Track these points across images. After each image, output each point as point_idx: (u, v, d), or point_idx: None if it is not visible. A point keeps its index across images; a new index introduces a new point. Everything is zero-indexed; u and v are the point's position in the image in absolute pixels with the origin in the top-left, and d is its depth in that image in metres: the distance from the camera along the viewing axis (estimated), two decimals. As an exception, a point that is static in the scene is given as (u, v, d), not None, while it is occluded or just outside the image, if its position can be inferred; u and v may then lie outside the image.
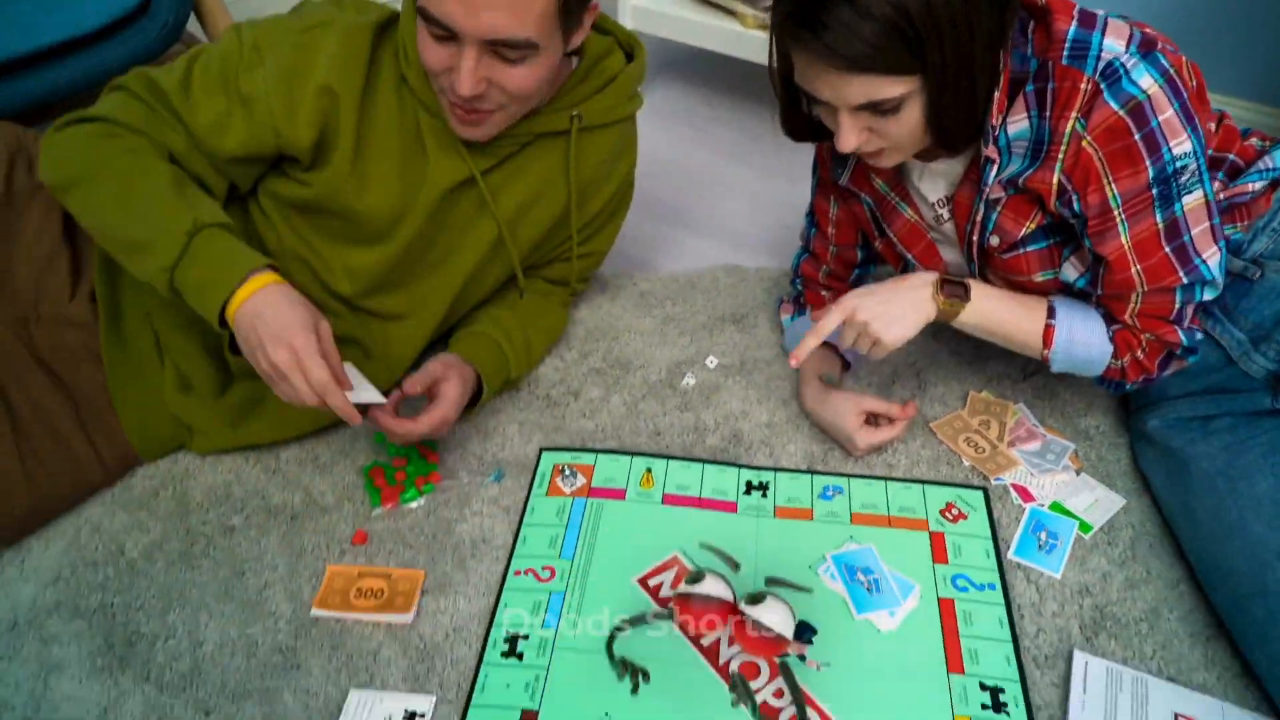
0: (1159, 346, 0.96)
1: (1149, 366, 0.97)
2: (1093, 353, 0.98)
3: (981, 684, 0.87)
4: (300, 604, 0.96)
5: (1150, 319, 0.95)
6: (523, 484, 1.08)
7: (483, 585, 0.97)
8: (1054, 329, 0.97)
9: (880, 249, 1.14)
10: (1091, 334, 0.97)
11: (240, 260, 0.90)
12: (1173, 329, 0.95)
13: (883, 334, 0.96)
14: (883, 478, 1.08)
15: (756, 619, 0.85)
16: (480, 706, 0.87)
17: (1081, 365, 1.00)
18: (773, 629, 0.85)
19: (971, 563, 0.98)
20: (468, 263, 1.12)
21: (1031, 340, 0.99)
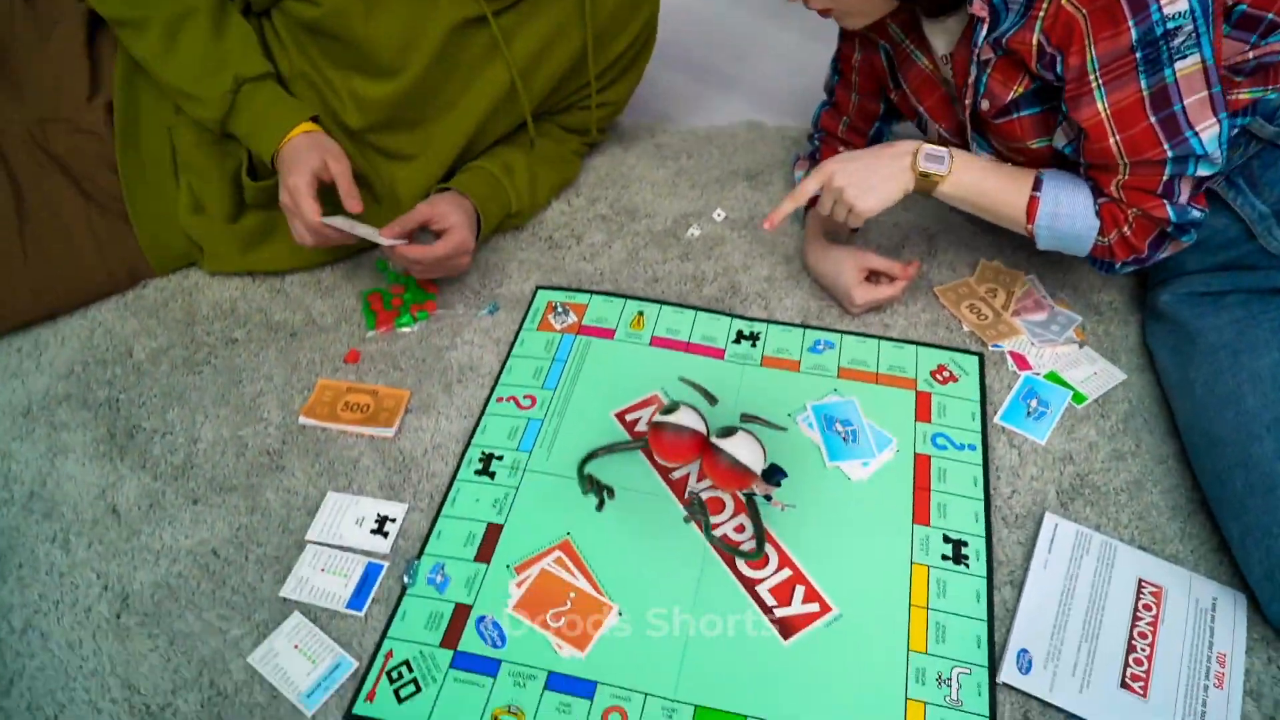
0: (1148, 224, 0.88)
1: (1138, 245, 0.89)
2: (1077, 226, 0.90)
3: (945, 536, 0.85)
4: (290, 413, 0.97)
5: (1136, 192, 0.86)
6: (515, 319, 1.07)
7: (465, 408, 0.98)
8: (1038, 201, 0.90)
9: (896, 101, 1.07)
10: (1077, 207, 0.90)
11: (284, 115, 1.00)
12: (1160, 204, 0.86)
13: (857, 201, 0.93)
14: (876, 336, 1.04)
15: (727, 450, 0.84)
16: (449, 517, 0.88)
17: (1068, 241, 0.93)
18: (742, 462, 0.84)
19: (955, 423, 0.95)
20: (479, 108, 1.09)
21: (1015, 213, 0.92)
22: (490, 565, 0.84)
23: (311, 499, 0.90)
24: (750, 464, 0.84)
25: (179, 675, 0.78)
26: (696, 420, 0.87)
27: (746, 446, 0.85)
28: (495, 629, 0.80)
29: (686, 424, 0.86)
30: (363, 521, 0.87)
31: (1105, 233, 0.90)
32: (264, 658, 0.78)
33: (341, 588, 0.83)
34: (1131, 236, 0.89)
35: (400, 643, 0.79)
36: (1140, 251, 0.89)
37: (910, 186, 0.92)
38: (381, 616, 0.81)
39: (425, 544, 0.86)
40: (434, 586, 0.83)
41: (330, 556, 0.85)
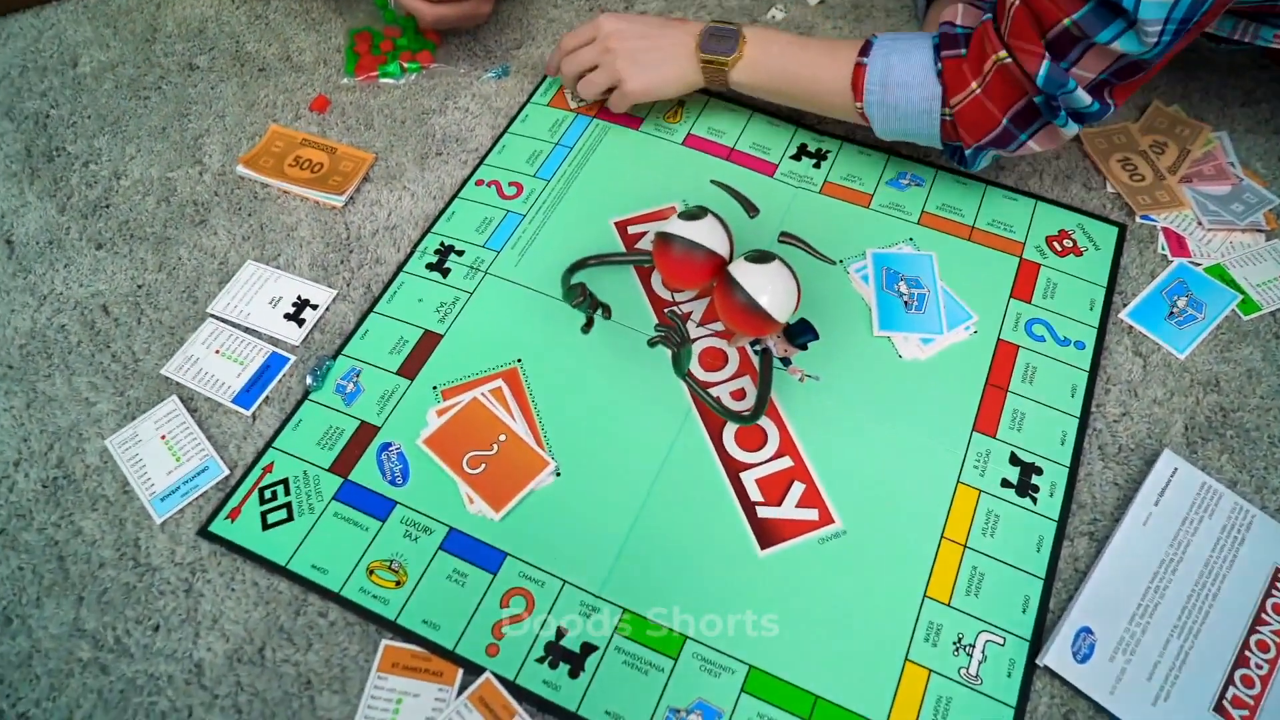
0: (1009, 78, 0.59)
1: (993, 114, 0.61)
2: (913, 97, 0.64)
3: (1014, 455, 0.60)
4: (233, 160, 0.76)
5: (1028, 20, 0.56)
6: (525, 89, 0.81)
7: (436, 186, 0.74)
8: (864, 70, 0.64)
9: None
10: (912, 69, 0.64)
11: None
12: (1040, 52, 0.56)
13: (626, 76, 0.72)
14: (984, 179, 0.74)
15: (750, 284, 0.59)
16: (382, 314, 0.67)
17: (909, 121, 0.66)
18: (763, 304, 0.58)
19: (1064, 309, 0.67)
20: None
21: (839, 91, 0.66)
22: (414, 383, 0.63)
23: (229, 265, 0.70)
24: (775, 309, 0.58)
25: (27, 445, 0.61)
26: (721, 237, 0.61)
27: (778, 283, 0.59)
28: (400, 462, 0.60)
29: (703, 241, 0.60)
30: (278, 302, 0.67)
31: (949, 99, 0.62)
32: (125, 443, 0.61)
33: (234, 376, 0.64)
34: (984, 98, 0.60)
35: (284, 456, 0.60)
36: (993, 125, 0.61)
37: (694, 76, 0.72)
38: (271, 421, 0.62)
39: (346, 342, 0.65)
40: (341, 395, 0.63)
41: (230, 337, 0.66)
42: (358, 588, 0.55)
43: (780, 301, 0.58)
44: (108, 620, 0.55)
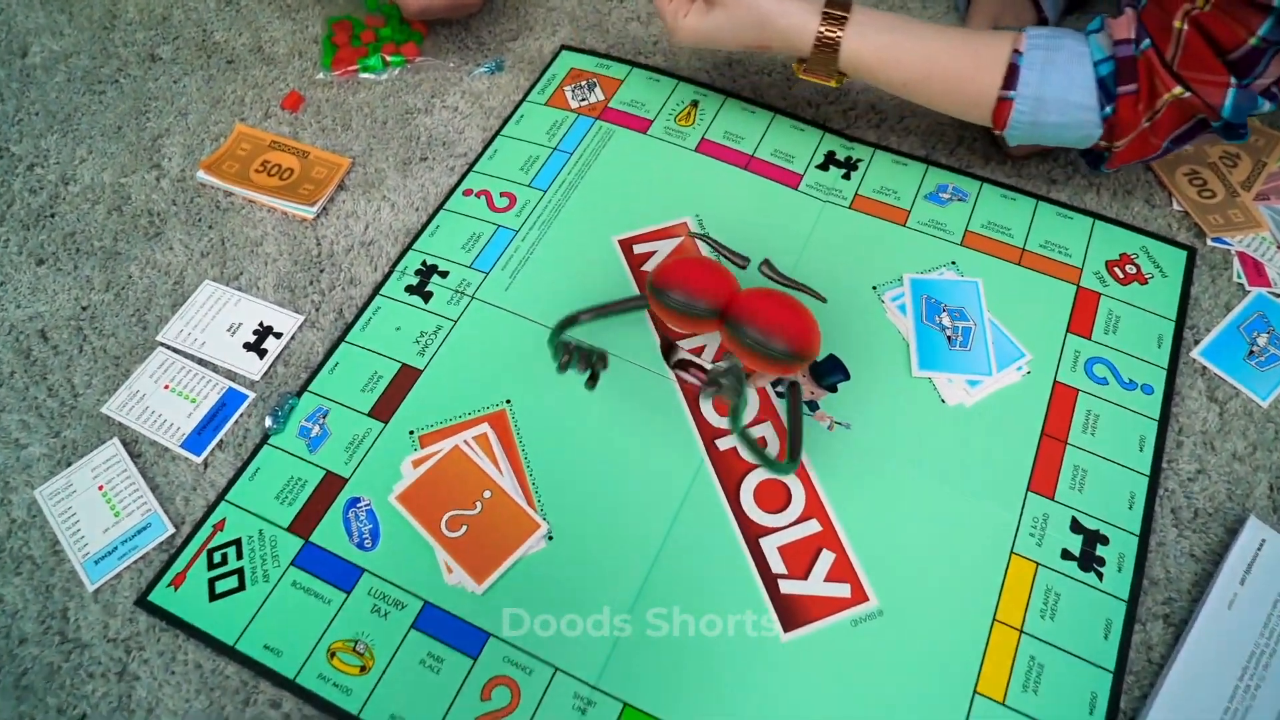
0: (1183, 111, 0.53)
1: (1155, 142, 0.55)
2: (1065, 135, 0.56)
3: (1076, 521, 0.51)
4: (194, 164, 0.68)
5: (1204, 46, 0.50)
6: (522, 87, 0.72)
7: (420, 197, 0.66)
8: (1011, 106, 0.55)
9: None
10: (1071, 108, 0.54)
11: None
12: (1224, 83, 0.51)
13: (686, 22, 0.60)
14: (1034, 194, 0.65)
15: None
16: (354, 345, 0.58)
17: (1052, 143, 0.58)
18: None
19: (1129, 347, 0.58)
20: None
21: (971, 96, 0.57)
22: (388, 426, 0.55)
23: (185, 285, 0.61)
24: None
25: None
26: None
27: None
28: (369, 521, 0.51)
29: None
30: (237, 329, 0.59)
31: (1115, 138, 0.55)
32: (56, 494, 0.53)
33: (184, 416, 0.55)
34: (1150, 133, 0.54)
35: (238, 512, 0.52)
36: (1152, 152, 0.56)
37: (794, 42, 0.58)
38: (225, 469, 0.54)
39: (312, 377, 0.57)
40: (306, 440, 0.54)
41: (182, 370, 0.57)
42: (316, 674, 0.47)
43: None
44: (25, 710, 0.47)
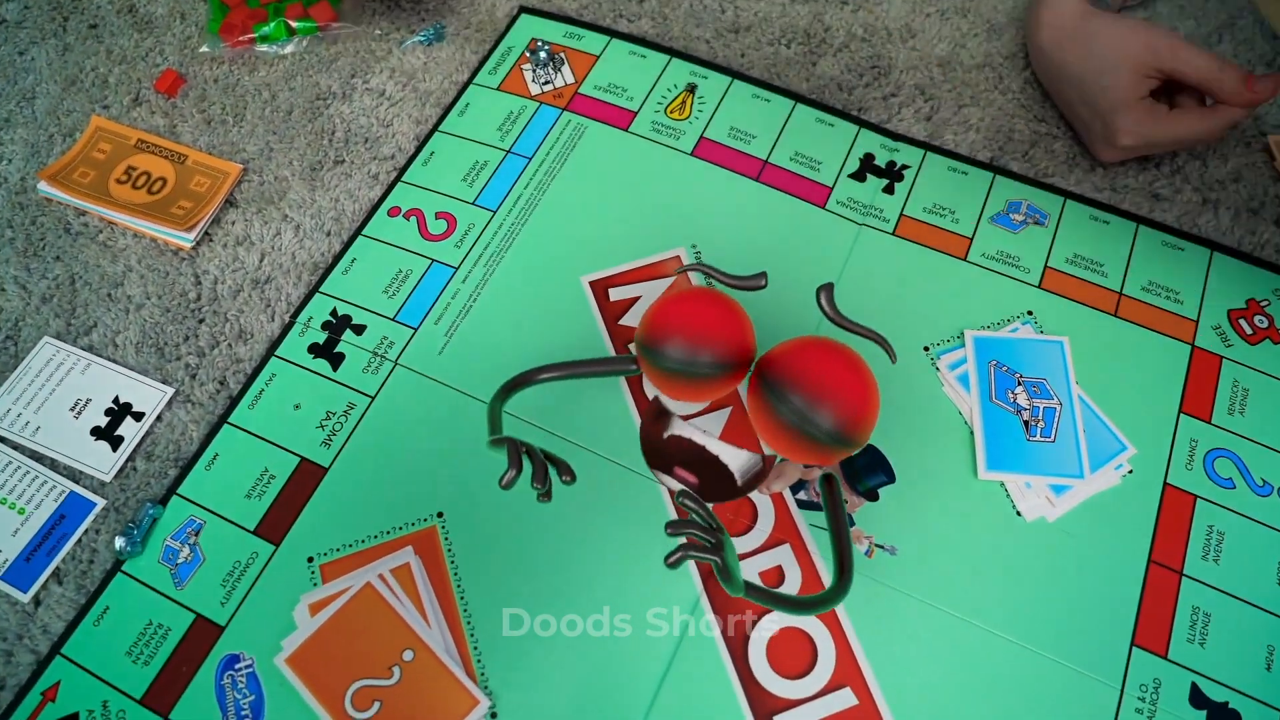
0: None
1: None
2: None
3: (1197, 688, 0.39)
4: (36, 168, 0.53)
5: None
6: (468, 62, 0.57)
7: (331, 216, 0.52)
8: None
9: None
10: None
11: None
12: None
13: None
14: (1134, 216, 0.51)
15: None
16: (239, 429, 0.45)
17: None
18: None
19: (1261, 433, 0.45)
20: None
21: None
22: (279, 549, 0.42)
23: (19, 344, 0.48)
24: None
25: None
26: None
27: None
28: (252, 690, 0.39)
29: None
30: (84, 407, 0.46)
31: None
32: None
33: (8, 535, 0.43)
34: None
35: (78, 674, 0.40)
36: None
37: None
38: (62, 609, 0.41)
39: (183, 475, 0.44)
40: (171, 567, 0.42)
41: (7, 468, 0.44)
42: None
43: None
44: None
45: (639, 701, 0.39)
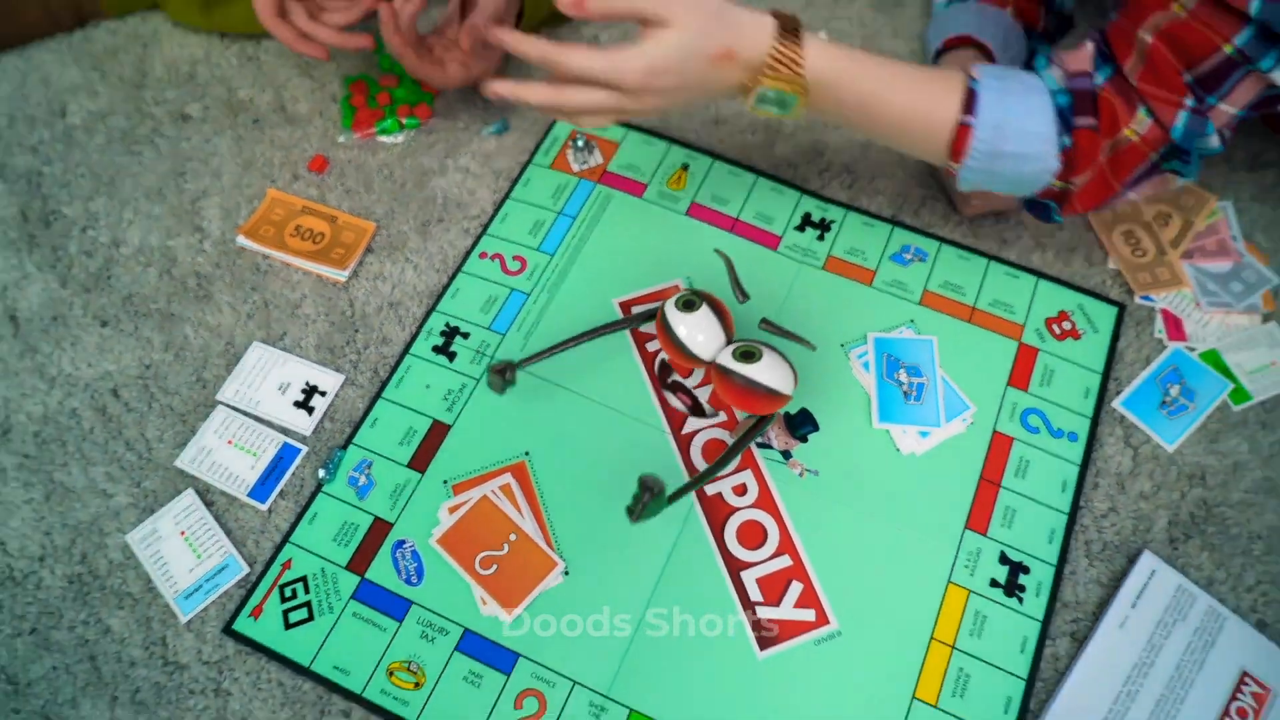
0: (1130, 157, 0.61)
1: (1113, 184, 0.63)
2: (1024, 168, 0.63)
3: (1004, 555, 0.65)
4: (232, 226, 0.79)
5: (1169, 57, 0.58)
6: (526, 147, 0.83)
7: (439, 259, 0.77)
8: (970, 130, 0.61)
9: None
10: (1028, 139, 0.61)
11: None
12: (1179, 100, 0.58)
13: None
14: (987, 254, 0.77)
15: (746, 374, 0.61)
16: (391, 401, 0.71)
17: (1006, 186, 0.66)
18: (766, 382, 0.61)
19: (1059, 399, 0.71)
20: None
21: (931, 141, 0.63)
22: (425, 476, 0.67)
23: (236, 346, 0.73)
24: (780, 387, 0.61)
25: (50, 539, 0.66)
26: (712, 333, 0.64)
27: (773, 371, 0.61)
28: (414, 560, 0.65)
29: (693, 348, 0.64)
30: (287, 388, 0.71)
31: (1072, 175, 0.62)
32: (145, 539, 0.66)
33: (248, 469, 0.68)
34: (1108, 169, 0.61)
35: (302, 553, 0.65)
36: (1109, 195, 0.63)
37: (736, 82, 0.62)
38: (287, 515, 0.67)
39: (355, 431, 0.69)
40: (354, 489, 0.67)
41: (242, 426, 0.69)
42: (379, 689, 0.61)
43: (784, 380, 0.61)
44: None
45: (657, 561, 0.64)
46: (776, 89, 0.60)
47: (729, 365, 0.61)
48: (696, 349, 0.62)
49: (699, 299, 0.64)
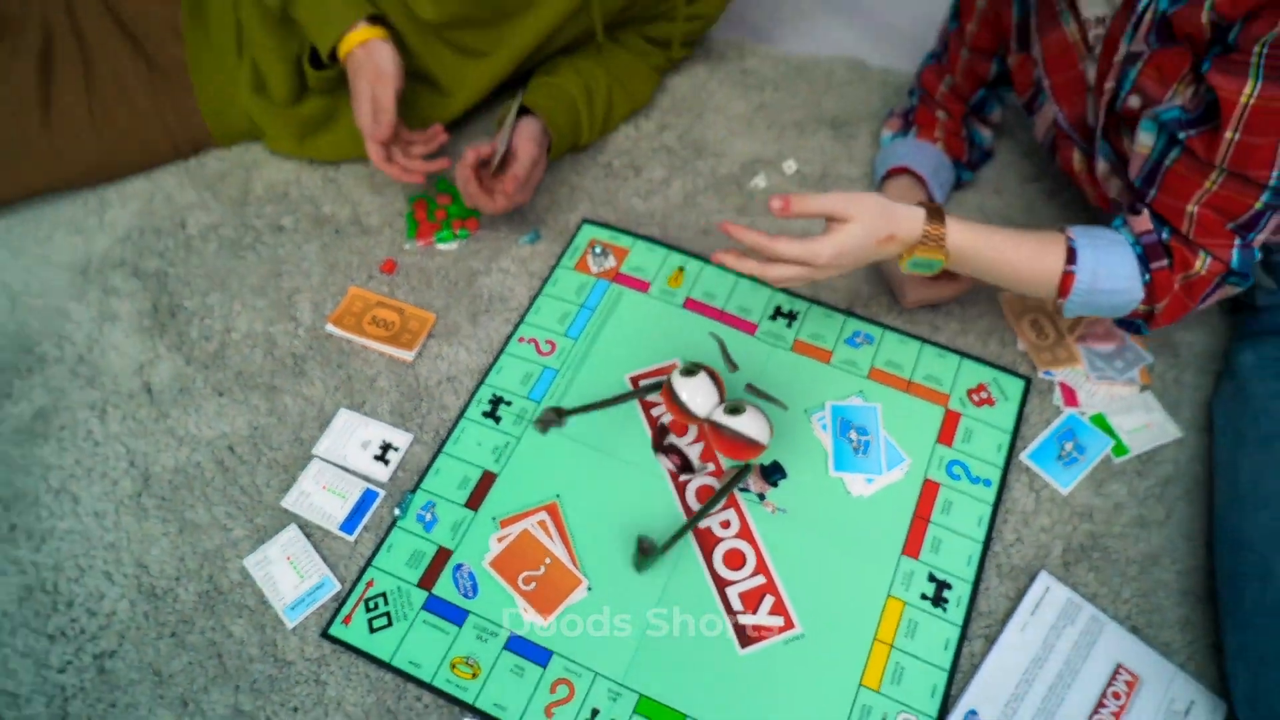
0: (1199, 284, 0.79)
1: (1187, 304, 0.81)
2: (1115, 299, 0.82)
3: (931, 574, 0.83)
4: (320, 316, 0.99)
5: (1213, 215, 0.76)
6: (554, 252, 1.04)
7: (486, 342, 0.97)
8: (1074, 277, 0.80)
9: (1014, 69, 0.94)
10: (1119, 277, 0.80)
11: (342, 11, 0.95)
12: (1229, 243, 0.77)
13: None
14: (921, 339, 0.97)
15: (734, 426, 0.80)
16: (449, 455, 0.90)
17: (1103, 311, 0.85)
18: (748, 433, 0.80)
19: (977, 453, 0.90)
20: (555, 11, 1.01)
21: (1043, 285, 0.83)
22: (477, 514, 0.86)
23: (325, 411, 0.93)
24: (758, 436, 0.80)
25: (184, 563, 0.84)
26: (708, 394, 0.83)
27: (756, 423, 0.81)
28: (470, 580, 0.83)
29: (695, 410, 0.82)
30: (368, 445, 0.90)
31: (1155, 300, 0.81)
32: (258, 563, 0.84)
33: (338, 508, 0.87)
34: (1184, 294, 0.80)
35: (382, 574, 0.83)
36: (1185, 311, 0.81)
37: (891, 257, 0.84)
38: (369, 544, 0.85)
39: (422, 479, 0.88)
40: (422, 524, 0.86)
41: (332, 475, 0.88)
42: (444, 678, 0.78)
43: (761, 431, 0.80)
44: (259, 704, 0.77)
45: (660, 580, 0.82)
46: (926, 257, 0.81)
47: (720, 420, 0.81)
48: (695, 408, 0.82)
49: (698, 368, 0.83)
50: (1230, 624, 0.76)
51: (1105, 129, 0.85)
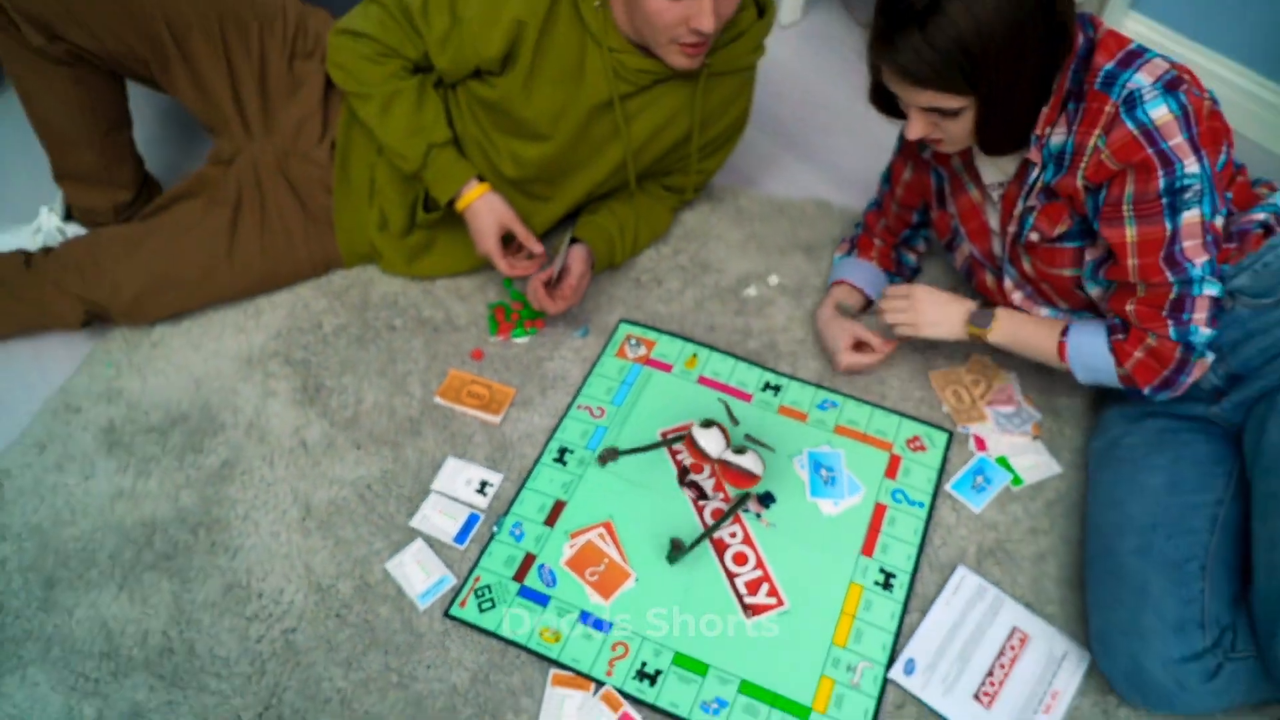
0: (1160, 351, 1.07)
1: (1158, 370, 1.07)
2: (1099, 363, 1.14)
3: (882, 568, 1.17)
4: (428, 391, 1.34)
5: (1148, 309, 1.06)
6: (599, 343, 1.41)
7: (552, 409, 1.33)
8: (1065, 345, 1.16)
9: (935, 219, 1.33)
10: (1096, 347, 1.13)
11: (458, 173, 1.33)
12: (1165, 322, 1.07)
13: (921, 327, 1.23)
14: (872, 403, 1.33)
15: (738, 463, 1.16)
16: (530, 489, 1.24)
17: (1099, 375, 1.16)
18: (749, 468, 1.16)
19: (914, 484, 1.24)
20: (601, 170, 1.40)
21: (1051, 355, 1.18)
22: (553, 529, 1.20)
23: (437, 459, 1.27)
24: (755, 470, 1.16)
25: (340, 567, 1.17)
26: (718, 442, 1.18)
27: (754, 460, 1.16)
28: (550, 575, 1.15)
29: (708, 447, 1.18)
30: (470, 482, 1.24)
31: (1121, 363, 1.13)
32: (396, 566, 1.17)
33: (451, 527, 1.20)
34: (1151, 361, 1.09)
35: (486, 572, 1.16)
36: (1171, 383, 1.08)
37: (962, 335, 1.22)
38: (475, 552, 1.18)
39: (511, 505, 1.22)
40: (513, 537, 1.19)
41: (446, 503, 1.22)
42: (536, 643, 1.10)
43: (758, 466, 1.15)
44: (402, 662, 1.09)
45: (688, 571, 1.15)
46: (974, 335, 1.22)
47: (728, 459, 1.16)
48: (710, 451, 1.17)
49: (711, 423, 1.19)
50: (1089, 594, 1.09)
51: (1010, 257, 1.23)
